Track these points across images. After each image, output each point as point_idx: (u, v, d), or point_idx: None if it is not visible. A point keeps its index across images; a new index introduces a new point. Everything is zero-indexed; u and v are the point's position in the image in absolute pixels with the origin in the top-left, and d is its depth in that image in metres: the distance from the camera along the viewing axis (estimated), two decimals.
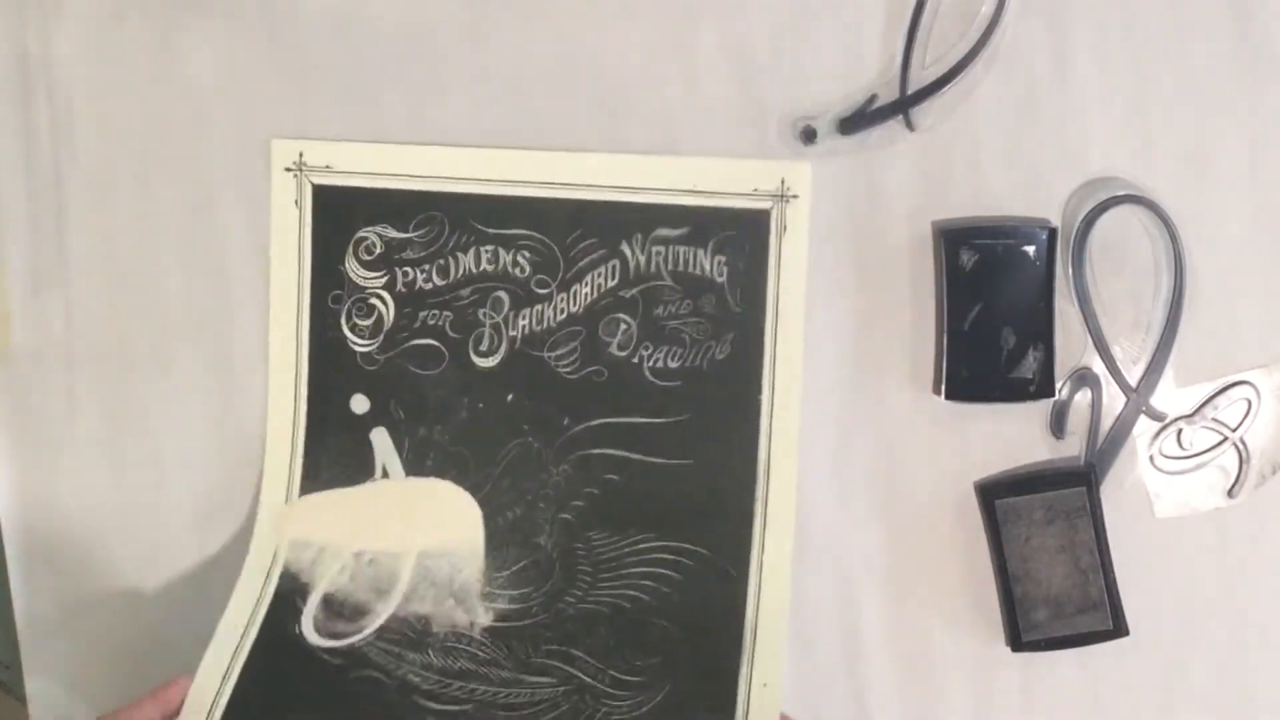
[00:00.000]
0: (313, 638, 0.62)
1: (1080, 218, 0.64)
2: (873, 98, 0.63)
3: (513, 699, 0.62)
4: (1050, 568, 0.64)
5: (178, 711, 0.59)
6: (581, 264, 0.63)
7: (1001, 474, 0.66)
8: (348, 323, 0.63)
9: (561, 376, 0.63)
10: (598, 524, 0.64)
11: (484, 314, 0.63)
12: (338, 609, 0.63)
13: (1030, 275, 0.64)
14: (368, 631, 0.62)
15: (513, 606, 0.63)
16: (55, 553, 0.66)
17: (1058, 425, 0.65)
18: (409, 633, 0.62)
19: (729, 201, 0.63)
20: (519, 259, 0.62)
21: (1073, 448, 0.66)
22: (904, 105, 0.63)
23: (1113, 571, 0.64)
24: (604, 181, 0.62)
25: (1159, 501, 0.66)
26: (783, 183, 0.62)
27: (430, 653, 0.62)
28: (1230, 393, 0.66)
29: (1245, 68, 0.65)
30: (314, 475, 0.64)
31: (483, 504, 0.64)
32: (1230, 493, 0.66)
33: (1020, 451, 0.66)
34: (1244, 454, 0.66)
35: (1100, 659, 0.65)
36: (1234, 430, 0.66)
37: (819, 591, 0.66)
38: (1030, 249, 0.64)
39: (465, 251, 0.62)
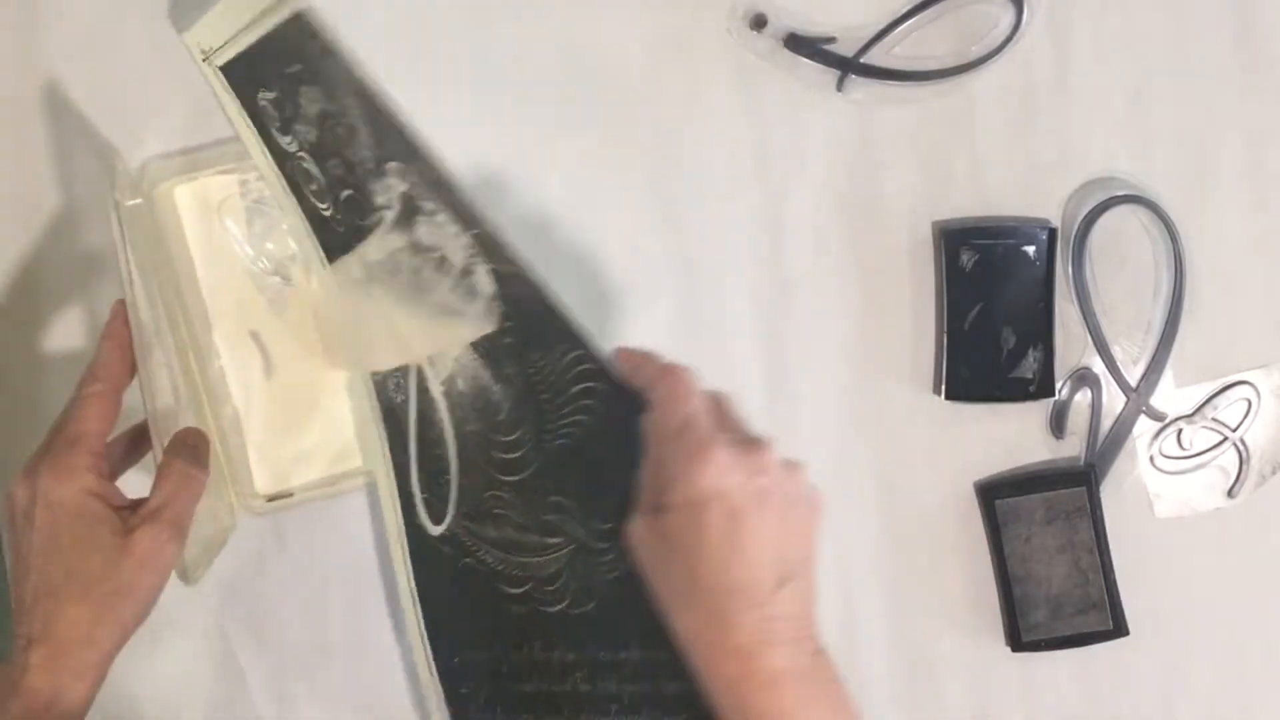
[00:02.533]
0: (429, 526, 0.61)
1: (1080, 218, 0.64)
2: (833, 39, 0.63)
3: (547, 570, 0.59)
4: (1050, 568, 0.65)
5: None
6: None
7: (1001, 474, 0.66)
8: (307, 191, 0.61)
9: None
10: (535, 345, 0.57)
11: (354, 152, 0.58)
12: (428, 477, 0.61)
13: (1030, 275, 0.64)
14: (452, 500, 0.61)
15: (513, 456, 0.59)
16: None
17: (1058, 425, 0.65)
18: (475, 499, 0.60)
19: None
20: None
21: (1073, 448, 0.66)
22: (846, 66, 0.64)
23: (1113, 571, 0.64)
24: None
25: (1159, 501, 0.66)
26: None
27: (490, 525, 0.60)
28: (1230, 393, 0.66)
29: (1245, 68, 0.65)
30: None
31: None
32: (1230, 493, 0.66)
33: (1020, 451, 0.66)
34: (1244, 454, 0.66)
35: (1100, 659, 0.65)
36: (1234, 430, 0.66)
37: (819, 591, 0.65)
38: (1030, 249, 0.64)
39: (307, 88, 0.58)
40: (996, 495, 0.65)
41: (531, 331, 0.57)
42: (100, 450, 0.54)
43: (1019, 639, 0.65)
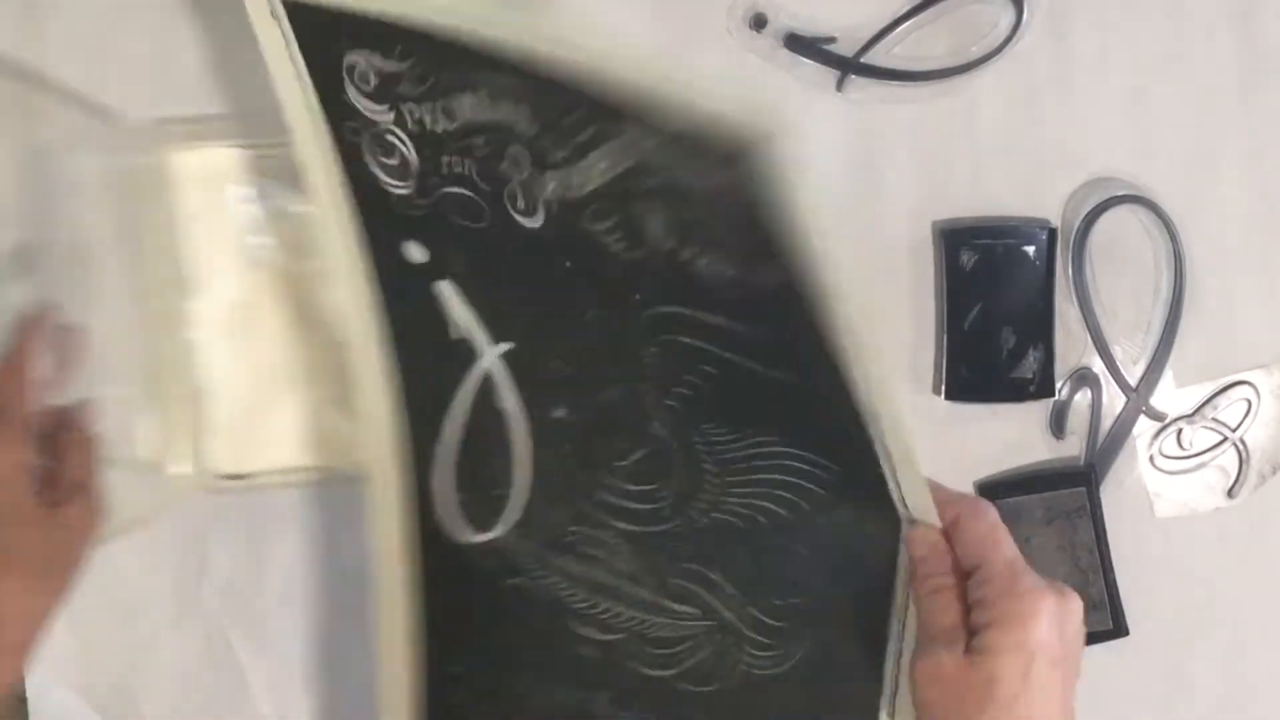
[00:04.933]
0: (458, 531, 0.55)
1: (1080, 218, 0.64)
2: (833, 39, 0.63)
3: (659, 632, 0.54)
4: (1050, 568, 0.64)
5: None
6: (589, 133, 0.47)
7: (1001, 474, 0.65)
8: (373, 159, 0.52)
9: (616, 254, 0.49)
10: (710, 417, 0.51)
11: (505, 168, 0.49)
12: (471, 478, 0.55)
13: (1030, 275, 0.64)
14: (509, 518, 0.55)
15: (642, 507, 0.53)
16: None
17: (1058, 425, 0.65)
18: (553, 529, 0.55)
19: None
20: (521, 111, 0.48)
21: (1073, 448, 0.66)
22: (846, 66, 0.64)
23: (1113, 571, 0.64)
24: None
25: (1159, 501, 0.66)
26: None
27: (573, 559, 0.54)
28: (1230, 393, 0.66)
29: (1245, 68, 0.65)
30: (396, 337, 0.55)
31: (574, 377, 0.53)
32: (1230, 493, 0.66)
33: (1020, 451, 0.66)
34: (1244, 454, 0.66)
35: (1100, 659, 0.65)
36: (1234, 430, 0.66)
37: None
38: (1030, 249, 0.64)
39: (461, 93, 0.49)
40: (996, 495, 0.65)
41: (717, 407, 0.51)
42: (30, 421, 0.52)
43: None
